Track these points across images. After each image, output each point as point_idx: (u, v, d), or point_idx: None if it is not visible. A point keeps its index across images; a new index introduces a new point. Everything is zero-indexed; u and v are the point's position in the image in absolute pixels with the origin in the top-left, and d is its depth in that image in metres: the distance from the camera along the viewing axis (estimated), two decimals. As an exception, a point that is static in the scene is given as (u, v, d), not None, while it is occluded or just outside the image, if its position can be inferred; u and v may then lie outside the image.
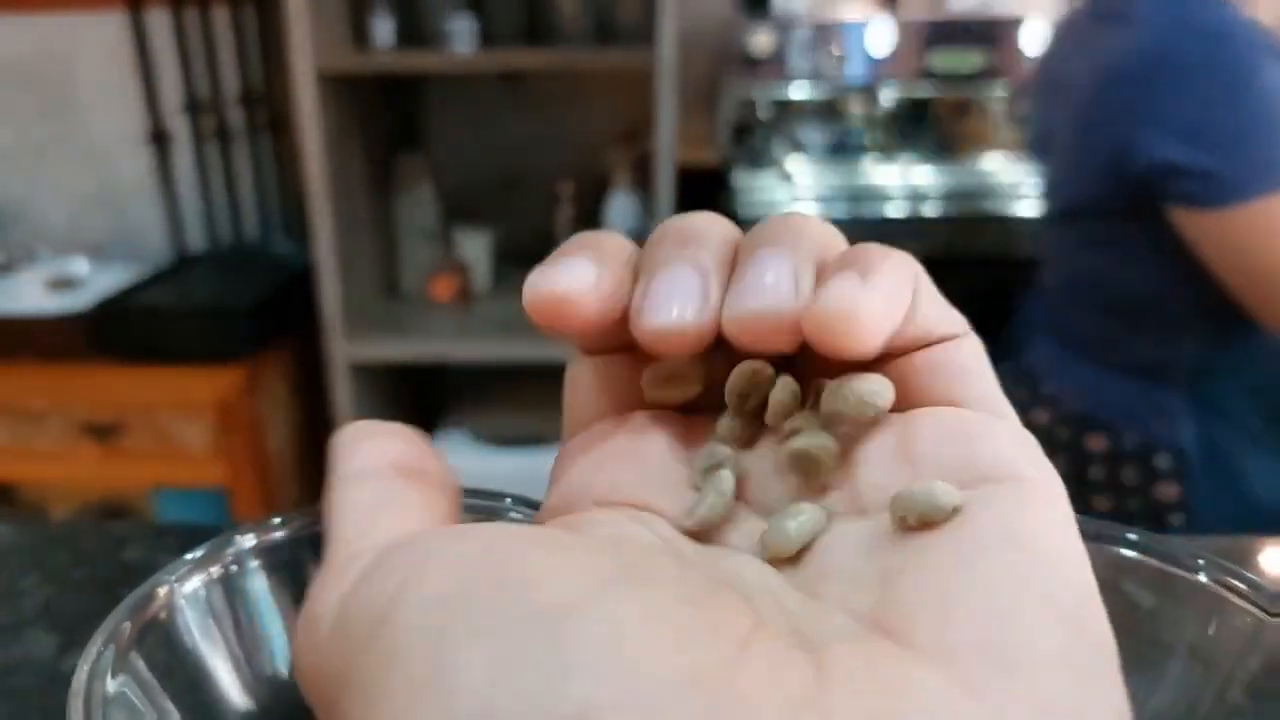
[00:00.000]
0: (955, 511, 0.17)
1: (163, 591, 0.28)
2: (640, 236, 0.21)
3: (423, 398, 2.06)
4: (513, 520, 0.32)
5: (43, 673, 0.42)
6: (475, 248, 1.87)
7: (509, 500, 0.33)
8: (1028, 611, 0.15)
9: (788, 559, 0.18)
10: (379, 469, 0.20)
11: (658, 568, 0.16)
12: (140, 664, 0.26)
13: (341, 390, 1.73)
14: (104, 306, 1.74)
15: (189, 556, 0.29)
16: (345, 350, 1.70)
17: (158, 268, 1.92)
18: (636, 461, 0.21)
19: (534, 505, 0.32)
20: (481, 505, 0.33)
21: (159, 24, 1.91)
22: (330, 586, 0.17)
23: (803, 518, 0.19)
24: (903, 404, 0.20)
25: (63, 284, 1.82)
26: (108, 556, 0.49)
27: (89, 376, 1.73)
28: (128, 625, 0.26)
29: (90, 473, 1.73)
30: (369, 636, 0.15)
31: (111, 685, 0.25)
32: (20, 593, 0.46)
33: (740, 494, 0.20)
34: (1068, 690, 0.14)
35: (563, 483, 0.22)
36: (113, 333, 1.73)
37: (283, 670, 0.30)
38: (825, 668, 0.14)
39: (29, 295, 1.80)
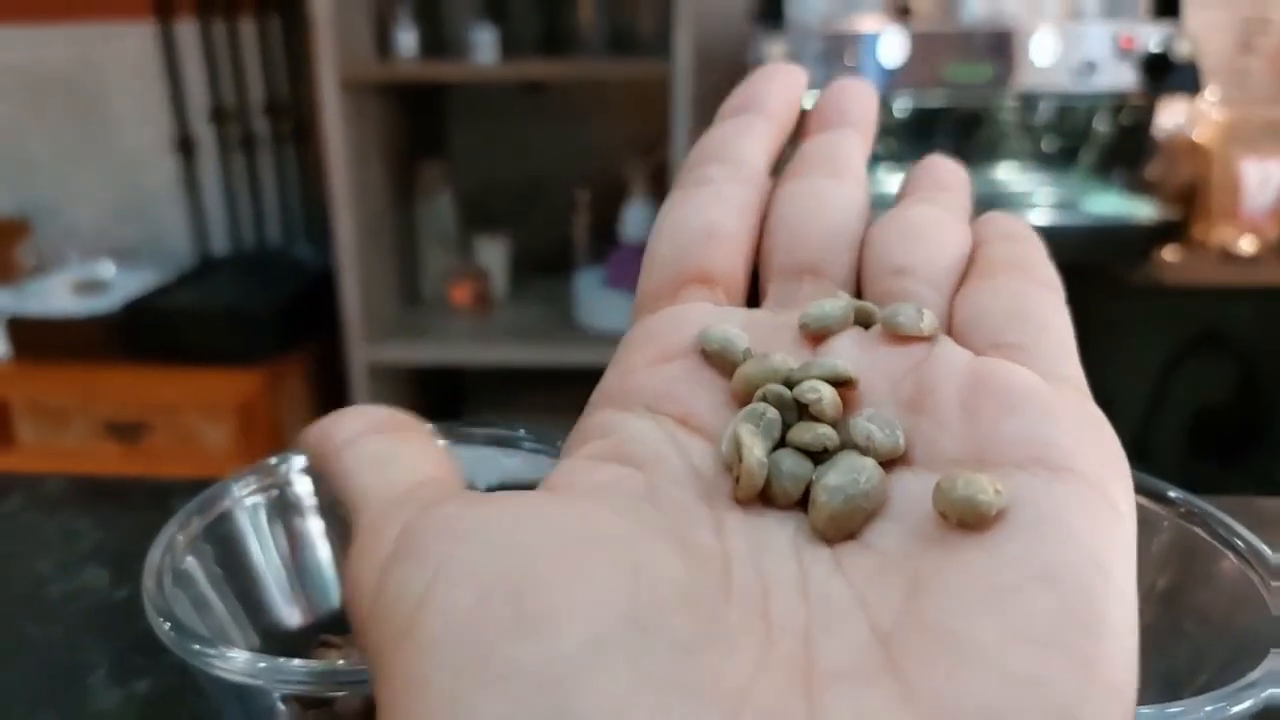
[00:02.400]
0: (997, 517, 0.16)
1: (227, 494, 0.31)
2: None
3: (441, 402, 2.09)
4: (526, 450, 0.34)
5: (98, 600, 0.45)
6: (494, 254, 1.90)
7: (523, 431, 0.35)
8: (1043, 675, 0.14)
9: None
10: (367, 430, 0.21)
11: (670, 591, 0.16)
12: (205, 549, 0.29)
13: (361, 393, 1.76)
14: (130, 309, 1.78)
15: (249, 468, 0.31)
16: (365, 354, 1.73)
17: (183, 271, 1.97)
18: (698, 365, 0.21)
19: (547, 441, 0.34)
20: (499, 435, 0.35)
21: (187, 35, 1.96)
22: (368, 554, 0.18)
23: (853, 493, 0.18)
24: (975, 341, 0.20)
25: (90, 286, 1.86)
26: (154, 505, 0.52)
27: (114, 377, 1.77)
28: (196, 519, 0.29)
29: (112, 471, 1.76)
30: (398, 639, 0.16)
31: (180, 564, 0.28)
32: (75, 534, 0.49)
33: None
34: None
35: (622, 369, 0.22)
36: (138, 334, 1.77)
37: (323, 570, 0.33)
38: None
39: (58, 297, 1.84)
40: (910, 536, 0.17)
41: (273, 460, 0.32)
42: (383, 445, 0.21)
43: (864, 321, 0.21)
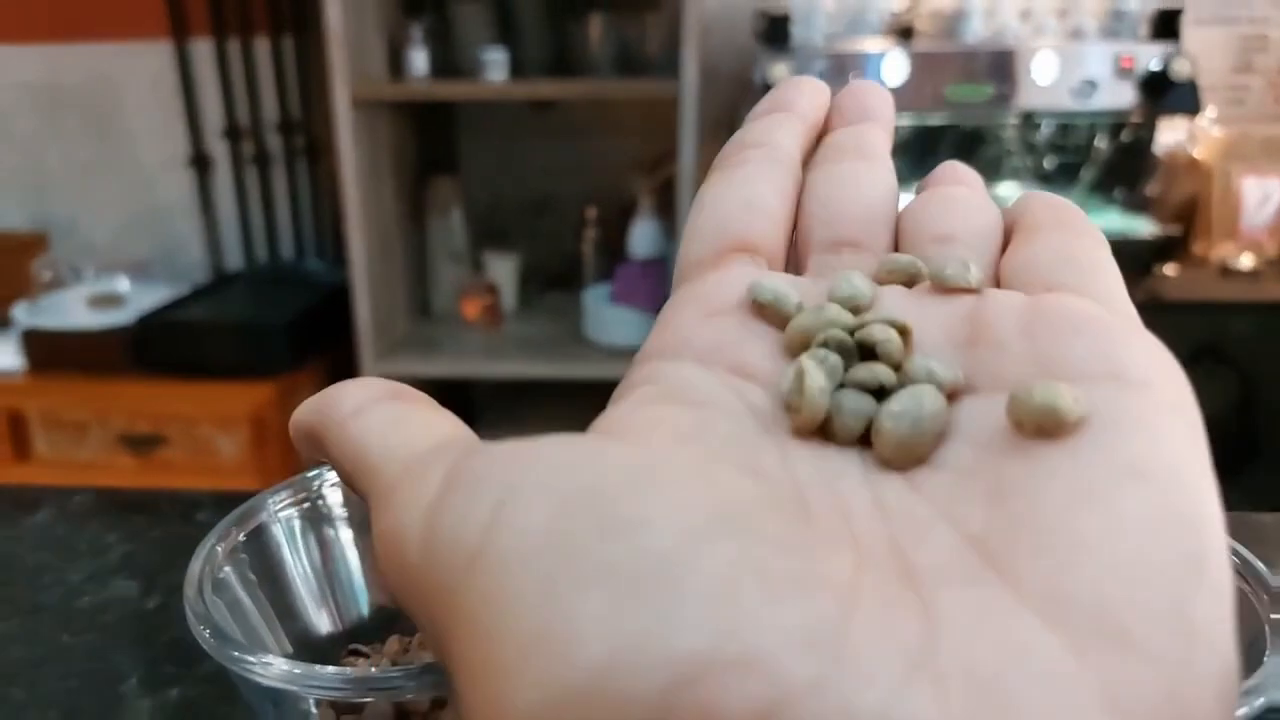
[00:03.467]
0: (1077, 424, 0.16)
1: (263, 507, 0.33)
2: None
3: (449, 415, 2.10)
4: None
5: (128, 610, 0.47)
6: (504, 269, 1.93)
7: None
8: (1150, 563, 0.14)
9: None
10: (375, 399, 0.20)
11: (750, 500, 0.15)
12: (242, 559, 0.31)
13: (372, 406, 1.77)
14: (145, 322, 1.80)
15: (285, 483, 0.34)
16: (376, 367, 1.76)
17: (197, 286, 2.00)
18: (747, 319, 0.21)
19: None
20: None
21: (202, 53, 2.00)
22: (407, 499, 0.17)
23: (919, 415, 0.17)
24: (1025, 288, 0.20)
25: (106, 300, 1.89)
26: (180, 518, 0.54)
27: (129, 390, 1.80)
28: (234, 530, 0.32)
29: (127, 483, 1.78)
30: (466, 568, 0.15)
31: (219, 573, 0.30)
32: (105, 547, 0.52)
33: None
34: (1177, 662, 0.13)
35: (669, 326, 0.21)
36: (152, 348, 1.80)
37: (353, 580, 0.35)
38: (935, 618, 0.14)
39: (73, 311, 1.87)
40: (983, 451, 0.17)
41: (307, 474, 0.34)
42: (394, 410, 0.20)
43: (909, 281, 0.21)
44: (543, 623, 0.13)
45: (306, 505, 0.34)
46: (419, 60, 1.74)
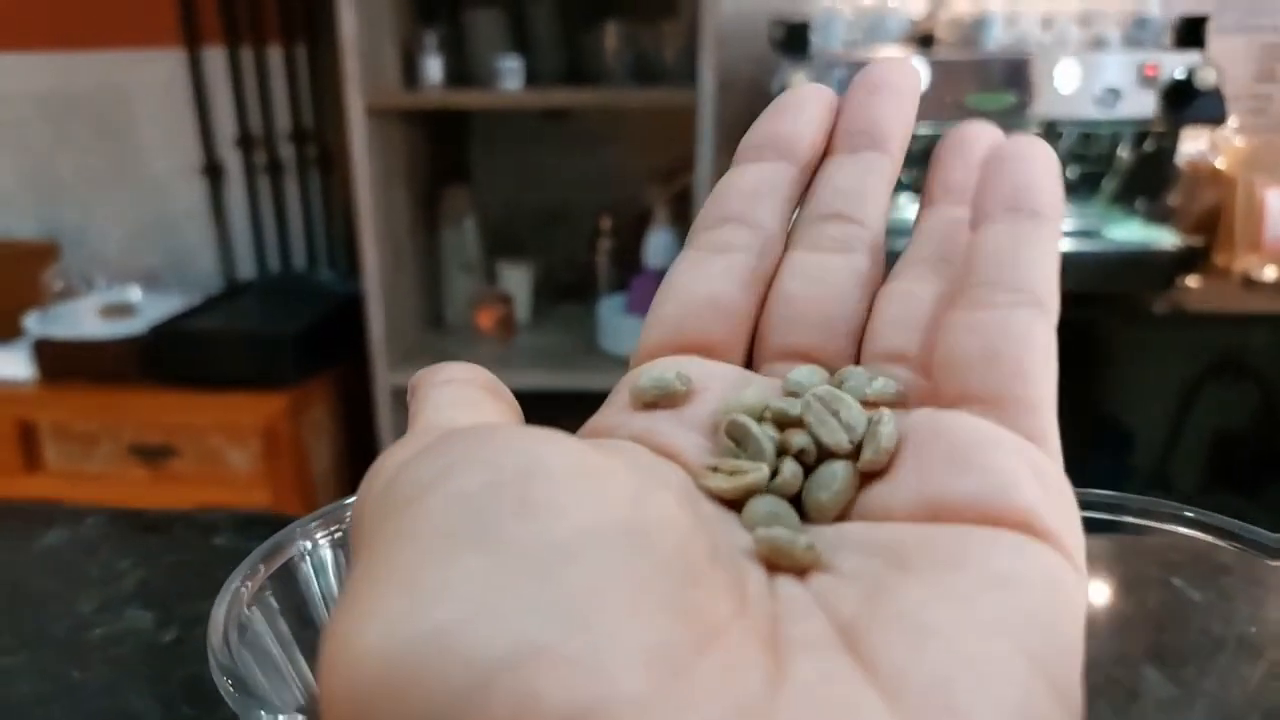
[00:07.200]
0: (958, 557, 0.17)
1: (291, 540, 0.31)
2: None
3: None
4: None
5: (142, 643, 0.45)
6: (517, 280, 1.91)
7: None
8: (998, 658, 0.15)
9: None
10: (467, 380, 0.23)
11: (666, 524, 0.16)
12: (269, 598, 0.30)
13: (384, 417, 1.77)
14: (156, 332, 1.79)
15: (316, 513, 0.32)
16: (389, 378, 1.74)
17: (209, 296, 1.98)
18: (681, 407, 0.22)
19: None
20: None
21: (214, 61, 1.99)
22: (397, 451, 0.19)
23: (836, 488, 0.19)
24: (948, 389, 0.20)
25: (117, 310, 1.88)
26: (198, 542, 0.52)
27: (140, 400, 1.78)
28: (261, 567, 0.30)
29: (138, 494, 1.77)
30: (400, 510, 0.16)
31: (244, 616, 0.28)
32: (118, 574, 0.50)
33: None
34: None
35: (604, 414, 0.23)
36: (164, 358, 1.79)
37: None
38: (782, 677, 0.14)
39: (85, 320, 1.86)
40: (869, 562, 0.18)
41: (340, 505, 0.33)
42: (472, 393, 0.22)
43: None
44: (419, 573, 0.14)
45: (339, 535, 0.32)
46: (433, 69, 1.73)
